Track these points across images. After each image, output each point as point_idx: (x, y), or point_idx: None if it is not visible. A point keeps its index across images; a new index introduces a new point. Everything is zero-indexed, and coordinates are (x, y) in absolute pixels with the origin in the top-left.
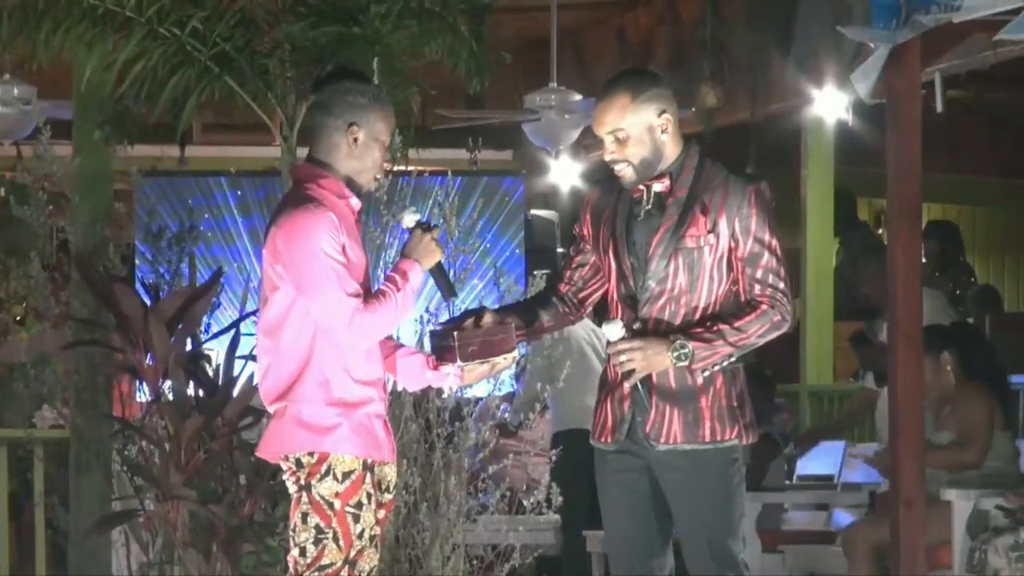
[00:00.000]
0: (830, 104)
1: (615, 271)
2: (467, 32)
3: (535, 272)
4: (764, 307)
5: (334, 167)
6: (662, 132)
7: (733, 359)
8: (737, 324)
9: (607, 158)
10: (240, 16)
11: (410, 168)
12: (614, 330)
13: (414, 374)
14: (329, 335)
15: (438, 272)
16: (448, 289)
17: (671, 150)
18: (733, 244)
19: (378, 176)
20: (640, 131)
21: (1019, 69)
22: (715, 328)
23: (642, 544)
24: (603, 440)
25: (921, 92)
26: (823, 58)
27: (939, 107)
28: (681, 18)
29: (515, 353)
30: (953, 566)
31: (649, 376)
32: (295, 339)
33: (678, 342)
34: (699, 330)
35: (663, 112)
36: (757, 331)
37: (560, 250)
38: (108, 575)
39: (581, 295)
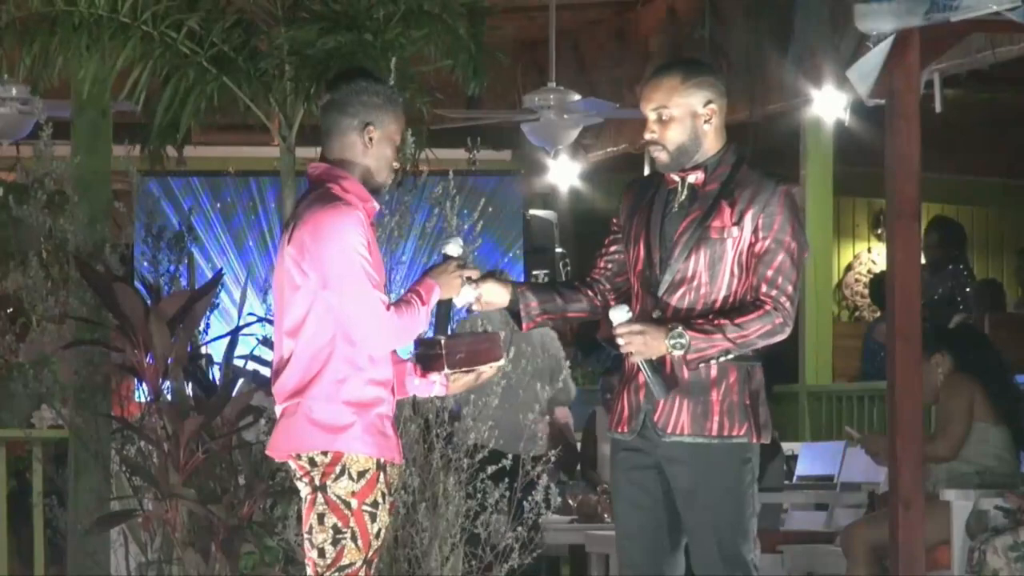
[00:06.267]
0: (829, 104)
1: (642, 260)
2: (466, 35)
3: (534, 272)
4: (768, 307)
5: (349, 167)
6: (705, 122)
7: (730, 355)
8: (738, 321)
9: (646, 136)
10: (238, 17)
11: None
12: (619, 314)
13: (400, 382)
14: (348, 334)
15: (444, 309)
16: (442, 328)
17: (711, 144)
18: (753, 239)
19: (389, 175)
20: (683, 114)
21: (1019, 69)
22: (716, 322)
23: (652, 543)
24: (619, 430)
25: (921, 92)
26: (821, 58)
27: (938, 107)
28: (679, 18)
29: (502, 362)
30: (952, 566)
31: (663, 365)
32: (314, 337)
33: (676, 330)
34: (700, 321)
35: (709, 102)
36: (757, 331)
37: (559, 250)
38: (107, 575)
39: (618, 280)
